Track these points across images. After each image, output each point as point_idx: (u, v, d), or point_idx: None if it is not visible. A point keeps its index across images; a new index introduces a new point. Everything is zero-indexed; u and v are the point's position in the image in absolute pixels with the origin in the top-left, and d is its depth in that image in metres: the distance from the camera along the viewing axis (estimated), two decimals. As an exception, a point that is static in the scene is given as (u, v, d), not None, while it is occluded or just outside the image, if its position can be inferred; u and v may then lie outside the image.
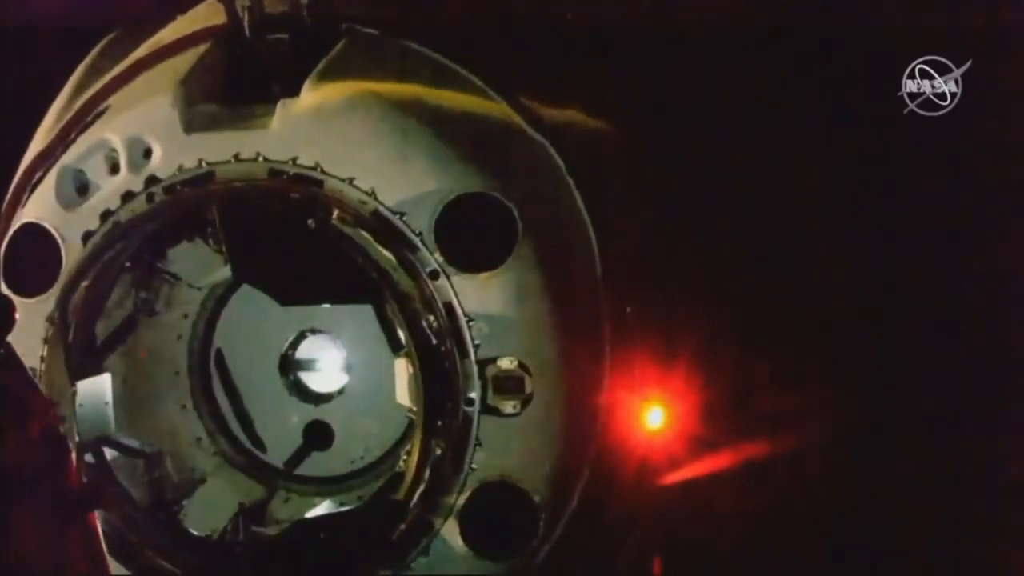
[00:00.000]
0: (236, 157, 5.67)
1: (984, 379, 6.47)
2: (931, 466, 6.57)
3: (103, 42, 6.78)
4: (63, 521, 4.36)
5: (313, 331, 6.70)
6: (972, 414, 6.49)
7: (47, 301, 5.95)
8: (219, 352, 6.68)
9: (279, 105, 5.72)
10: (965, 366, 6.49)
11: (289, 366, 6.73)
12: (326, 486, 6.61)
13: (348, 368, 6.69)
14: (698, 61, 6.39)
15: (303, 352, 6.75)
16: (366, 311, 6.42)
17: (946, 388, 6.50)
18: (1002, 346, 6.49)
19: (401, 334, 5.68)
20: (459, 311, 5.50)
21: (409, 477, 5.63)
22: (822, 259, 6.49)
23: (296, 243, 5.69)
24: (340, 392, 6.71)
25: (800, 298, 6.36)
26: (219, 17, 6.03)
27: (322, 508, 6.42)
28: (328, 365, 6.74)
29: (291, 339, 6.70)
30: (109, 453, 6.05)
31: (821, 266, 6.47)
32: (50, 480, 4.34)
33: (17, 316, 4.64)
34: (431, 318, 5.51)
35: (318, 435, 6.67)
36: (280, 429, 6.71)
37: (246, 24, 5.91)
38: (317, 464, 6.68)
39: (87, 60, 6.74)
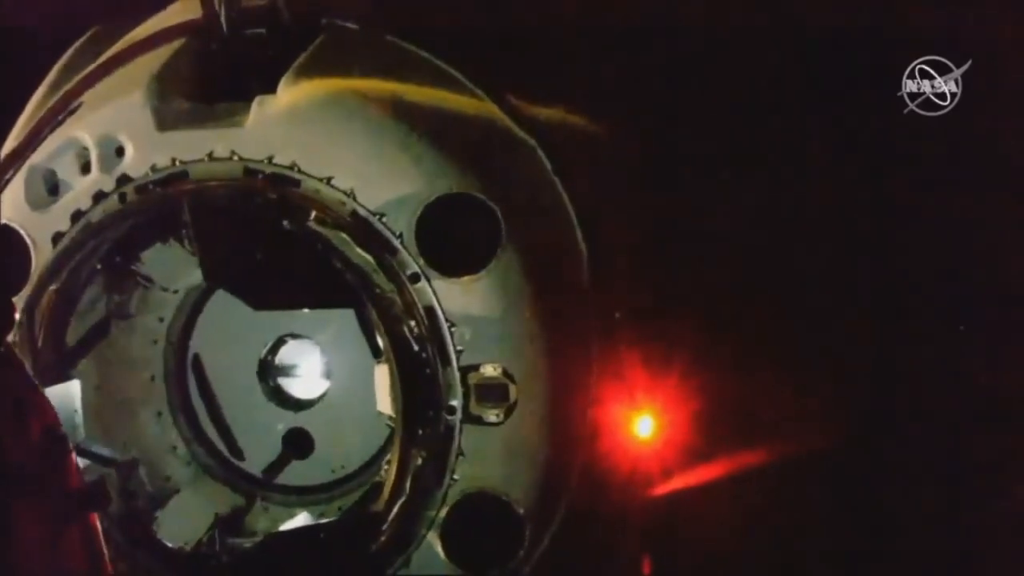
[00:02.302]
0: (210, 156, 5.51)
1: (985, 381, 6.29)
2: (932, 476, 6.42)
3: (81, 40, 6.62)
4: (63, 521, 4.27)
5: (293, 336, 6.54)
6: (974, 418, 6.30)
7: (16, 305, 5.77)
8: (196, 357, 6.52)
9: (255, 102, 5.57)
10: (966, 367, 6.32)
11: (268, 372, 6.57)
12: (306, 496, 6.46)
13: (329, 374, 6.54)
14: (694, 60, 6.22)
15: (283, 357, 6.60)
16: (348, 315, 6.27)
17: (947, 391, 6.31)
18: (1003, 347, 6.31)
19: (380, 340, 5.52)
20: (440, 316, 5.34)
21: (388, 488, 5.47)
22: (819, 261, 6.32)
23: (272, 245, 5.54)
24: (321, 399, 6.56)
25: (797, 301, 6.19)
26: (196, 12, 5.86)
27: (301, 519, 6.28)
28: (309, 371, 6.59)
29: (271, 344, 6.54)
30: (80, 462, 5.86)
31: (818, 268, 6.30)
32: (50, 480, 4.25)
33: (17, 316, 4.57)
34: (411, 323, 5.35)
35: (298, 443, 6.52)
36: (259, 437, 6.55)
37: (223, 19, 5.74)
38: (297, 473, 6.52)
39: (64, 58, 6.58)
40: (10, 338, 5.47)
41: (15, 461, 4.16)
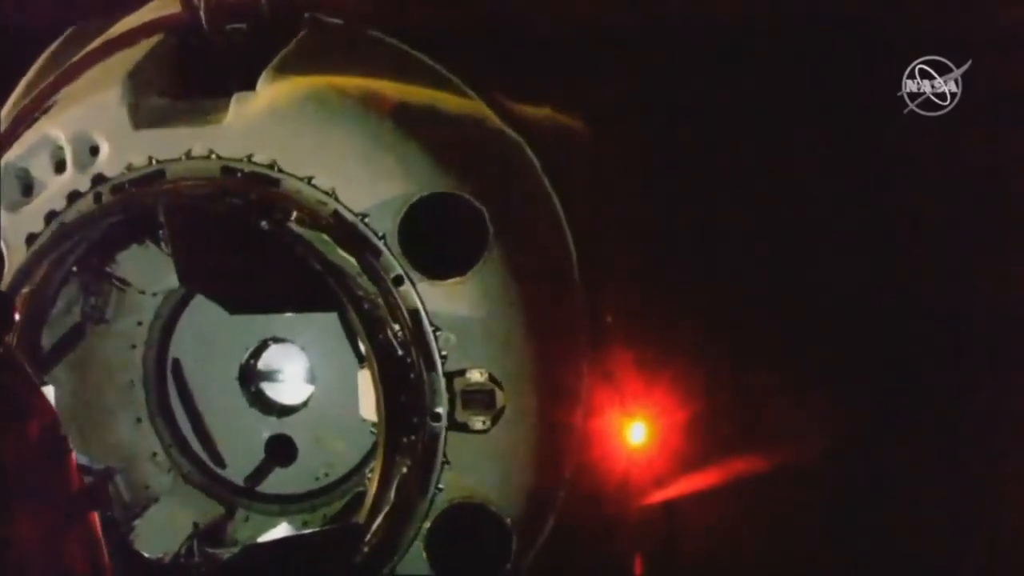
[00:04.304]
0: (188, 155, 5.41)
1: (985, 382, 6.34)
2: (932, 482, 6.36)
3: (60, 38, 6.53)
4: (63, 521, 4.26)
5: (276, 339, 6.39)
6: (975, 420, 6.34)
7: (-11, 308, 5.65)
8: (176, 362, 6.39)
9: (234, 99, 5.46)
10: (967, 368, 6.37)
11: (250, 377, 6.43)
12: (288, 505, 6.31)
13: (313, 379, 6.39)
14: (692, 59, 6.18)
15: (265, 362, 6.46)
16: (333, 318, 6.11)
17: (947, 393, 6.36)
18: (1004, 348, 6.35)
19: (362, 344, 5.39)
20: (425, 320, 5.21)
21: (372, 497, 5.32)
22: (818, 261, 6.31)
23: (252, 246, 5.39)
24: (304, 404, 6.41)
25: (795, 303, 6.15)
26: (175, 7, 5.80)
27: (283, 528, 6.14)
28: (292, 376, 6.44)
29: (252, 348, 6.40)
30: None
31: (817, 268, 6.29)
32: (50, 480, 4.25)
33: (17, 316, 4.58)
34: (395, 327, 5.22)
35: (280, 450, 6.38)
36: (240, 444, 6.41)
37: (202, 13, 5.66)
38: (279, 481, 6.38)
39: (43, 56, 6.50)
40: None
41: (15, 461, 4.16)
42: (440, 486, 5.28)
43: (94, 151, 5.63)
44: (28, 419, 4.20)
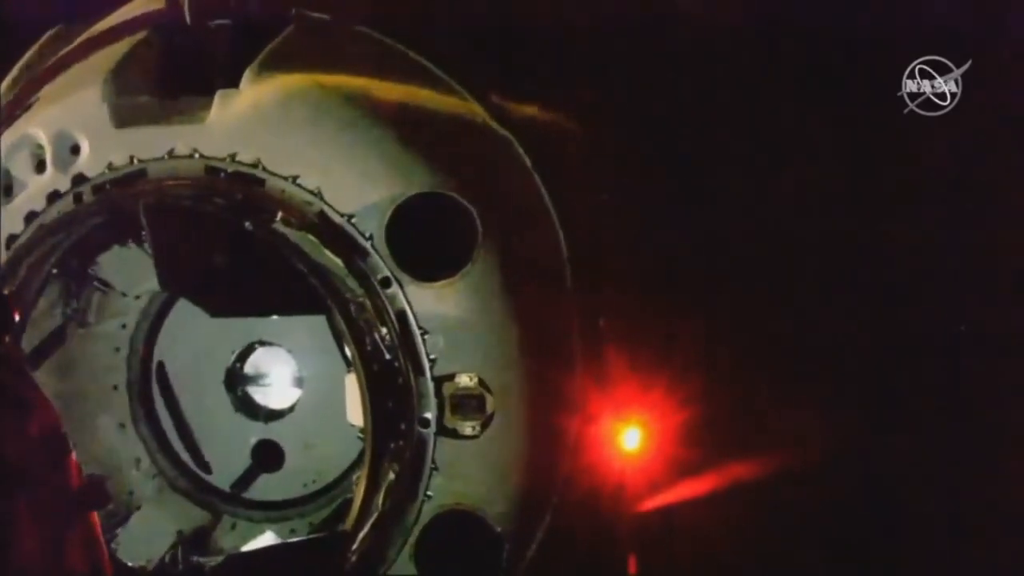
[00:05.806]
0: (170, 154, 5.33)
1: (985, 383, 6.24)
2: (931, 488, 6.26)
3: (44, 37, 6.46)
4: (63, 521, 4.29)
5: (263, 343, 6.35)
6: (975, 422, 6.23)
7: (-31, 311, 5.57)
8: (160, 365, 6.33)
9: (217, 97, 5.38)
10: (967, 369, 6.26)
11: (237, 380, 6.39)
12: (275, 511, 6.28)
13: (300, 383, 6.35)
14: (691, 58, 6.12)
15: (252, 365, 6.42)
16: (321, 321, 6.04)
17: (947, 392, 6.24)
18: (1003, 347, 6.25)
19: (347, 348, 5.32)
20: (413, 323, 5.12)
21: (359, 504, 5.24)
22: (817, 263, 6.22)
23: (236, 248, 5.33)
24: (291, 409, 6.38)
25: (793, 305, 6.06)
26: (159, 3, 5.73)
27: (269, 536, 6.11)
28: (279, 380, 6.40)
29: (239, 351, 6.36)
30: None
31: (815, 270, 6.20)
32: (50, 480, 4.27)
33: (17, 316, 4.58)
34: (383, 330, 5.13)
35: (267, 456, 6.34)
36: (226, 449, 6.36)
37: (186, 9, 5.57)
38: (266, 487, 6.34)
39: (28, 54, 6.42)
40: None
41: (15, 461, 4.18)
42: (429, 493, 5.19)
43: (75, 150, 5.56)
44: (28, 418, 4.21)
